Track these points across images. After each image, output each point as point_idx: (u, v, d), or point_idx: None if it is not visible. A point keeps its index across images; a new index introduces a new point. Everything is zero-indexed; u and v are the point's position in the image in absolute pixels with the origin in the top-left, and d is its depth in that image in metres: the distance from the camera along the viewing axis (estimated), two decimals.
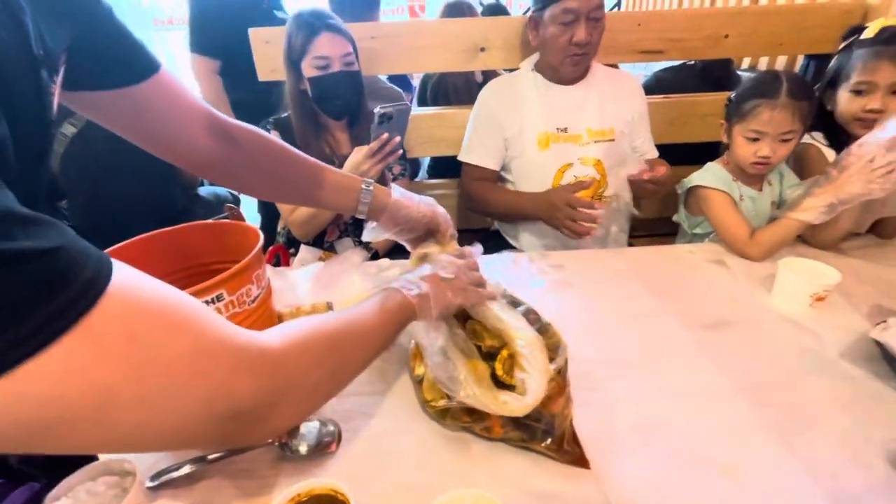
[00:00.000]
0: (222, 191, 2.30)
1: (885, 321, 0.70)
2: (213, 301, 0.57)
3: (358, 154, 1.03)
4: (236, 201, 2.36)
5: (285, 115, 1.22)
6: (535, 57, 1.26)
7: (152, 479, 0.56)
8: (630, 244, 1.28)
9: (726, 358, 0.71)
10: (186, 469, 0.56)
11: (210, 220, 0.74)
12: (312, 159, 0.68)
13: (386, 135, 1.00)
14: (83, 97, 0.48)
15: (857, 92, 0.99)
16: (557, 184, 1.21)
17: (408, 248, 0.79)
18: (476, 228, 1.59)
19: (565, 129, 1.19)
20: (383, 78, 1.67)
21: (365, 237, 0.75)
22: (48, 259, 0.24)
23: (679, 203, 1.19)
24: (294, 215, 1.15)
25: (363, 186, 0.69)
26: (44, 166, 0.35)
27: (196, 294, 0.55)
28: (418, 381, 0.65)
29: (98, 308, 0.26)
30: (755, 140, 0.98)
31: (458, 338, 0.62)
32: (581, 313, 0.85)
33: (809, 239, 1.02)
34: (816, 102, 1.03)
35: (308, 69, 1.13)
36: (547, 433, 0.55)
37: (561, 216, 1.07)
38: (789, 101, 0.94)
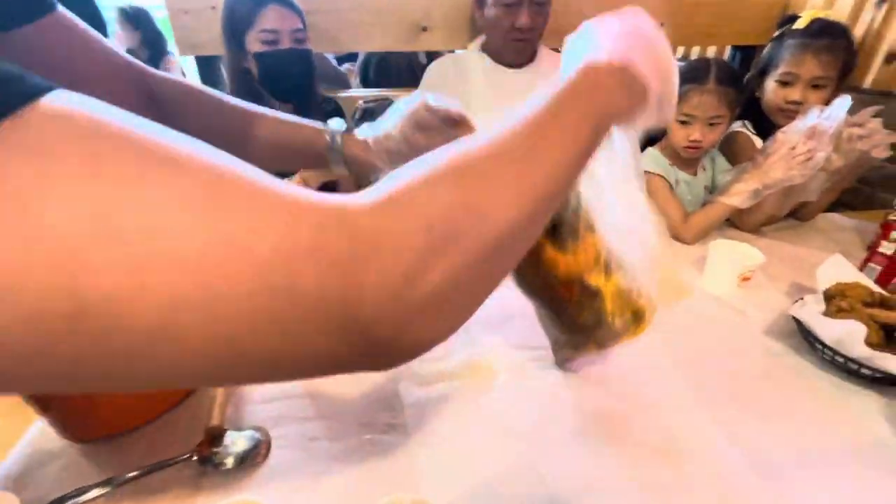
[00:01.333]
0: None
1: (802, 298, 0.75)
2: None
3: None
4: None
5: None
6: (483, 37, 1.23)
7: None
8: None
9: (661, 335, 0.73)
10: (92, 494, 0.50)
11: None
12: (262, 109, 0.57)
13: None
14: None
15: (783, 83, 1.04)
16: None
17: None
18: None
19: None
20: (330, 57, 1.58)
21: None
22: None
23: None
24: None
25: (327, 139, 0.57)
26: None
27: None
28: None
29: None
30: (687, 123, 1.01)
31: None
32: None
33: (736, 222, 1.08)
34: (746, 91, 1.08)
35: (253, 44, 1.02)
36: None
37: None
38: (716, 86, 0.97)
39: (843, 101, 0.87)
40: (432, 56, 1.69)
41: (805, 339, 0.71)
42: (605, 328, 0.56)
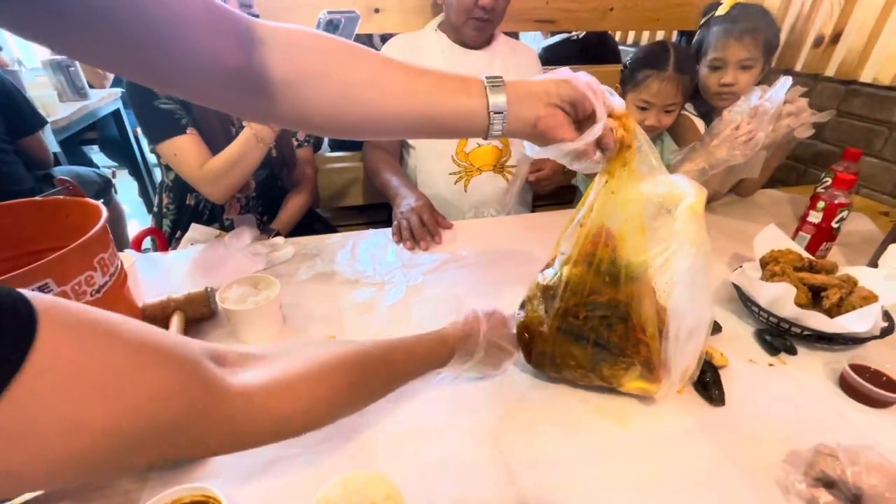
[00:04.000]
0: (85, 170, 1.97)
1: (741, 266, 0.79)
2: (39, 290, 0.46)
3: None
4: (107, 184, 2.04)
5: None
6: (440, 17, 1.22)
7: None
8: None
9: None
10: (26, 497, 0.47)
11: (39, 197, 0.61)
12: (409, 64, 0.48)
13: None
14: None
15: (713, 68, 1.08)
16: (461, 151, 1.20)
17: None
18: (382, 203, 1.54)
19: None
20: None
21: (529, 152, 0.54)
22: None
23: None
24: (207, 168, 0.97)
25: (486, 120, 0.48)
26: None
27: (12, 282, 0.44)
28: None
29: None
30: (644, 109, 1.04)
31: None
32: (479, 279, 0.85)
33: None
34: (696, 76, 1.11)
35: None
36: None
37: (403, 215, 1.00)
38: (675, 73, 1.00)
39: (784, 82, 0.91)
40: (387, 38, 1.66)
41: (744, 303, 0.75)
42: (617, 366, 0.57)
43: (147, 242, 1.12)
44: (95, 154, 2.90)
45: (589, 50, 1.75)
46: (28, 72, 2.36)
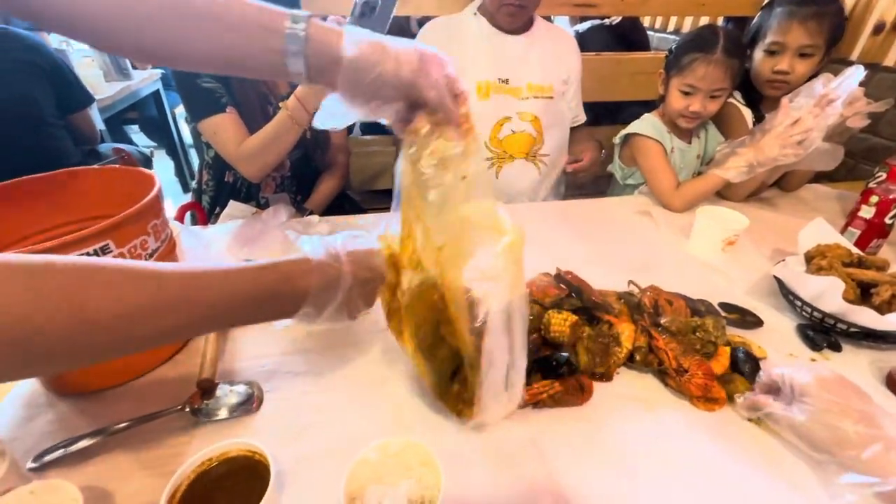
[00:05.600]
0: (128, 147, 2.04)
1: (783, 260, 0.77)
2: (97, 253, 0.49)
3: None
4: (147, 162, 2.11)
5: None
6: (478, 0, 1.20)
7: (35, 459, 0.49)
8: None
9: None
10: (76, 446, 0.50)
11: (96, 166, 0.63)
12: None
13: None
14: None
15: (770, 52, 1.04)
16: (494, 137, 1.19)
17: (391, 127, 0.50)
18: None
19: (507, 81, 1.16)
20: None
21: (317, 122, 0.50)
22: None
23: (614, 154, 1.22)
24: (244, 146, 0.99)
25: (288, 24, 0.42)
26: None
27: (76, 244, 0.47)
28: None
29: None
30: (688, 94, 1.00)
31: None
32: None
33: (725, 193, 1.09)
34: (746, 62, 1.07)
35: None
36: None
37: None
38: (723, 57, 0.96)
39: (857, 71, 0.85)
40: (424, 22, 1.65)
41: (785, 297, 0.73)
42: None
43: (187, 217, 1.16)
44: (135, 134, 3.00)
45: (621, 36, 1.70)
46: (75, 51, 2.45)
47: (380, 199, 1.60)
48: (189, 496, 0.41)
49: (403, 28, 1.72)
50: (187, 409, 0.54)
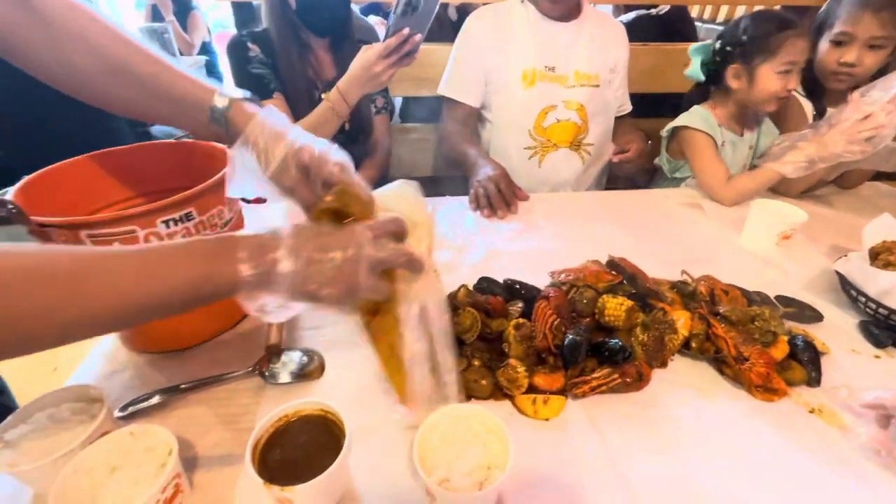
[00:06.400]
0: (178, 131, 2.12)
1: (845, 255, 0.74)
2: (181, 220, 0.52)
3: (369, 52, 0.87)
4: None
5: (260, 28, 1.11)
6: None
7: (122, 409, 0.52)
8: None
9: None
10: (156, 399, 0.53)
11: (171, 140, 0.67)
12: (154, 53, 0.50)
13: (407, 30, 0.82)
14: None
15: (837, 43, 0.99)
16: (539, 126, 1.18)
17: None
18: (451, 176, 1.56)
19: (553, 69, 1.15)
20: (355, 9, 1.55)
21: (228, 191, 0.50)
22: None
23: (661, 146, 1.19)
24: None
25: (216, 96, 0.50)
26: None
27: (162, 211, 0.50)
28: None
29: None
30: (787, 73, 0.97)
31: None
32: (557, 250, 0.85)
33: (777, 186, 1.06)
34: None
35: None
36: None
37: (480, 184, 1.00)
38: (802, 28, 0.96)
39: None
40: (462, 10, 1.64)
41: (846, 293, 0.71)
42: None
43: None
44: None
45: (668, 27, 1.65)
46: None
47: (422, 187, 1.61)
48: (269, 447, 0.43)
49: (440, 16, 1.72)
50: (256, 372, 0.57)
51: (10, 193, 0.50)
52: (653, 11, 1.70)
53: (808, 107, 1.07)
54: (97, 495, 0.39)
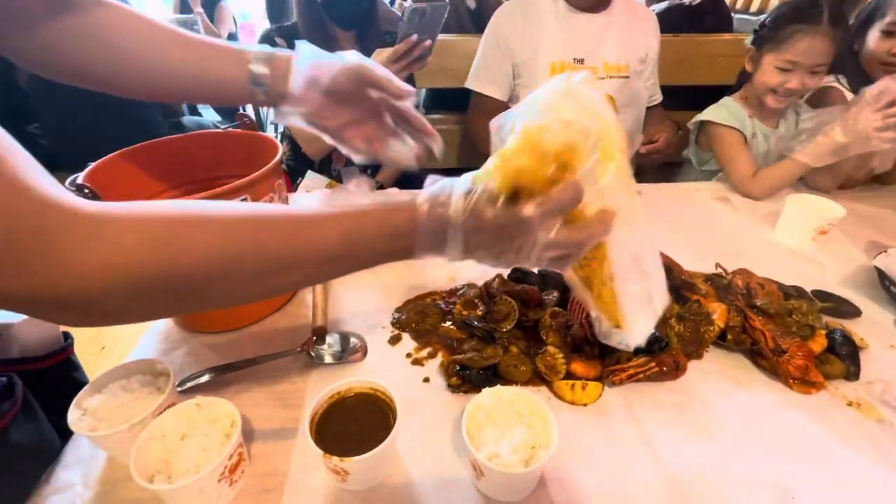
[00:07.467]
0: (205, 121, 2.17)
1: (885, 251, 0.74)
2: None
3: (379, 57, 0.89)
4: None
5: (288, 23, 1.13)
6: None
7: (179, 384, 0.55)
8: None
9: None
10: (211, 376, 0.56)
11: (219, 129, 0.70)
12: (194, 35, 0.51)
13: (415, 36, 0.85)
14: None
15: (888, 33, 0.96)
16: None
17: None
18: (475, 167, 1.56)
19: (582, 61, 1.15)
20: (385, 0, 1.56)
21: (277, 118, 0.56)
22: None
23: (690, 138, 1.18)
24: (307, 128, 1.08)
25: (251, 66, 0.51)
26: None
27: (219, 196, 0.53)
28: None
29: None
30: (786, 71, 0.94)
31: None
32: None
33: (809, 182, 1.04)
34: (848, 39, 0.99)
35: None
36: None
37: None
38: (829, 28, 0.89)
39: None
40: (481, 1, 1.63)
41: (886, 289, 0.70)
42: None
43: None
44: (205, 110, 3.17)
45: (701, 17, 1.62)
46: None
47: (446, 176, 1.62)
48: (324, 422, 0.46)
49: (458, 6, 1.71)
50: (304, 352, 0.60)
51: (80, 178, 0.54)
52: (686, 1, 1.67)
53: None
54: (171, 460, 0.42)
